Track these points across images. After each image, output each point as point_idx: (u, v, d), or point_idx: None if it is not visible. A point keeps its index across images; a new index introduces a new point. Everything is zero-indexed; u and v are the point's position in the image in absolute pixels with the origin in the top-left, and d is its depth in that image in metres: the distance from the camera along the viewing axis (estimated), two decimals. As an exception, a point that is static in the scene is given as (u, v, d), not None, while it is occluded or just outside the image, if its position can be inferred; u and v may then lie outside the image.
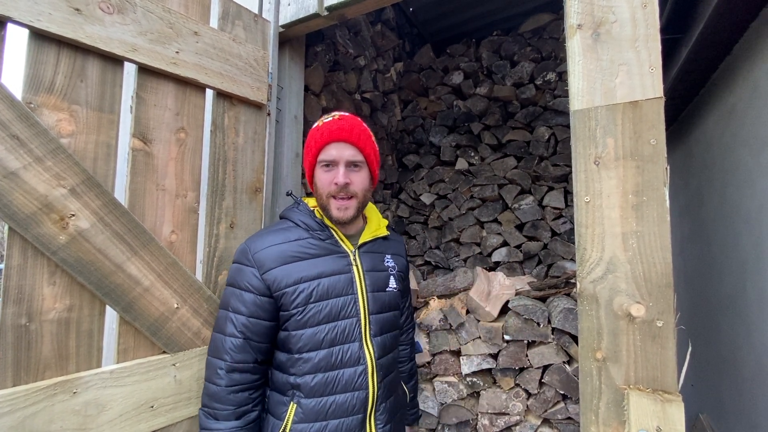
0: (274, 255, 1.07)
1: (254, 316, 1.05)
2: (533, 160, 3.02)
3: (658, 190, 0.85)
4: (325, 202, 1.11)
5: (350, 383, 1.06)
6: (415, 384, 1.44)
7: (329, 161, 1.10)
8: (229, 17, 1.34)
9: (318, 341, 1.05)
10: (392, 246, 1.29)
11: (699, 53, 1.99)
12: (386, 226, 1.29)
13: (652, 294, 0.83)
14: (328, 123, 1.11)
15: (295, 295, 1.04)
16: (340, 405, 1.04)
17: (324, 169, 1.10)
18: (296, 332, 1.05)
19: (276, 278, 1.05)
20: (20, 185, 0.86)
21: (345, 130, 1.09)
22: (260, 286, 1.05)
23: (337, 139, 1.09)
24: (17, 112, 0.86)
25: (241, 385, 1.03)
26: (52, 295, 0.92)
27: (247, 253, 1.08)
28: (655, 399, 0.79)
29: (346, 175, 1.08)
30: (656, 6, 0.89)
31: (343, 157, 1.09)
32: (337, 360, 1.06)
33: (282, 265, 1.06)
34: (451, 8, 3.28)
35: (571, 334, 1.86)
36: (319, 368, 1.04)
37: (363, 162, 1.13)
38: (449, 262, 3.20)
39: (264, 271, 1.05)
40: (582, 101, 0.94)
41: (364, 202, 1.16)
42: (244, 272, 1.07)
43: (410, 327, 1.46)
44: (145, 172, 1.11)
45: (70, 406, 0.92)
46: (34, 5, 0.90)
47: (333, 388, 1.05)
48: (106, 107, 1.03)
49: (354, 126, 1.11)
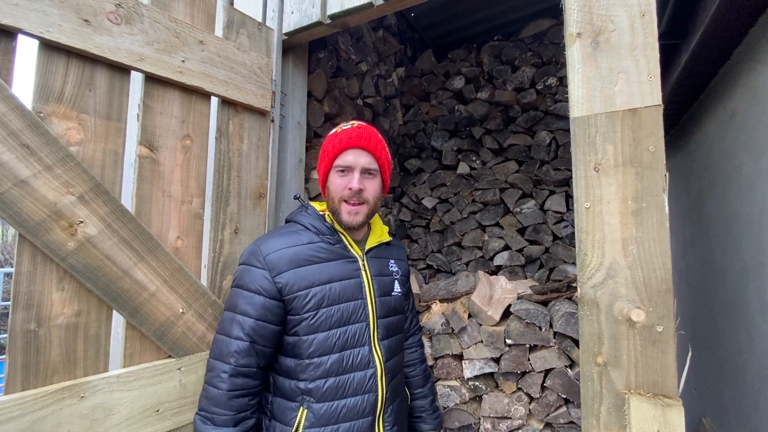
0: (287, 258, 1.07)
1: (263, 319, 1.03)
2: (534, 164, 3.03)
3: (657, 197, 0.86)
4: (337, 205, 1.12)
5: (361, 386, 1.07)
6: (432, 386, 1.44)
7: (345, 167, 1.11)
8: (234, 26, 1.36)
9: (330, 345, 1.06)
10: (395, 251, 1.31)
11: (698, 58, 2.01)
12: (388, 231, 1.31)
13: (652, 299, 0.84)
14: (346, 130, 1.13)
15: (308, 299, 1.05)
16: (351, 408, 1.06)
17: (339, 174, 1.12)
18: (308, 337, 1.05)
19: (288, 281, 1.04)
20: (30, 193, 0.88)
21: (363, 138, 1.12)
22: (271, 289, 1.04)
23: (355, 146, 1.11)
24: (28, 122, 0.87)
25: (242, 390, 1.02)
26: (60, 300, 0.94)
27: (258, 255, 1.07)
28: (655, 404, 0.79)
29: (360, 181, 1.10)
30: (654, 15, 0.91)
31: (360, 163, 1.11)
32: (348, 364, 1.07)
33: (295, 268, 1.06)
34: (452, 13, 3.30)
35: (573, 338, 1.86)
36: (331, 372, 1.05)
37: (377, 170, 1.15)
38: (451, 266, 3.21)
39: (276, 273, 1.04)
40: (582, 108, 0.95)
41: (375, 210, 1.18)
42: (254, 274, 1.05)
43: (416, 329, 1.47)
44: (151, 178, 1.12)
45: (77, 410, 0.94)
46: (44, 17, 0.92)
47: (344, 392, 1.06)
48: (114, 115, 1.05)
49: (372, 135, 1.14)
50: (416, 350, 1.43)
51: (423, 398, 1.39)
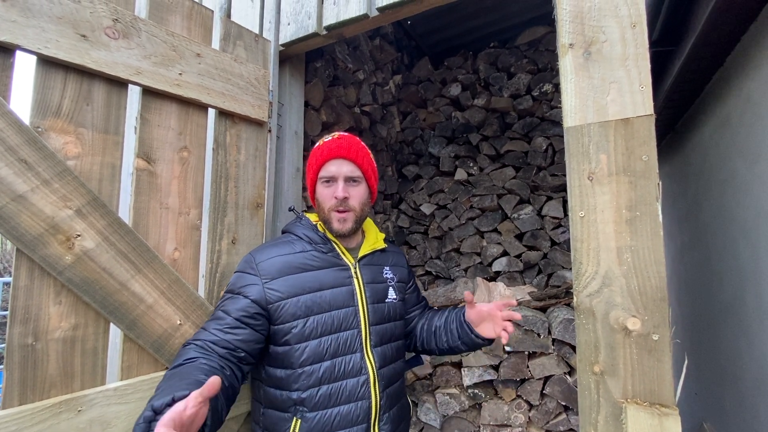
0: (279, 265, 1.10)
1: (241, 321, 1.02)
2: (531, 170, 3.05)
3: (651, 205, 0.87)
4: (327, 215, 1.15)
5: (353, 393, 1.07)
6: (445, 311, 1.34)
7: (329, 177, 1.15)
8: (231, 38, 1.38)
9: (321, 353, 1.06)
10: (391, 257, 1.32)
11: (692, 64, 2.03)
12: (384, 238, 1.32)
13: (648, 307, 0.85)
14: (327, 142, 1.17)
15: (298, 305, 1.07)
16: (344, 416, 1.06)
17: (325, 185, 1.16)
18: (299, 345, 1.06)
19: (279, 288, 1.07)
20: (28, 207, 0.88)
21: (343, 148, 1.15)
22: (259, 295, 1.05)
23: (336, 156, 1.15)
24: (25, 137, 0.88)
25: (195, 347, 0.97)
26: (57, 314, 0.94)
27: (251, 263, 1.10)
28: (652, 413, 0.80)
29: (345, 189, 1.13)
30: (645, 26, 0.92)
31: (342, 172, 1.14)
32: (340, 371, 1.07)
33: (286, 275, 1.09)
34: (448, 21, 3.33)
35: (571, 344, 1.87)
36: (324, 380, 1.06)
37: (361, 177, 1.18)
38: (450, 272, 3.21)
39: (268, 280, 1.07)
40: (575, 118, 0.96)
41: (363, 216, 1.20)
42: (245, 279, 1.08)
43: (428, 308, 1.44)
44: (148, 191, 1.13)
45: (75, 424, 0.93)
46: (42, 33, 0.93)
47: (337, 399, 1.06)
48: (111, 129, 1.06)
49: (352, 144, 1.17)
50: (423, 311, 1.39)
51: (439, 318, 1.31)
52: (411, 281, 1.39)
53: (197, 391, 0.70)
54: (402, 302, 1.28)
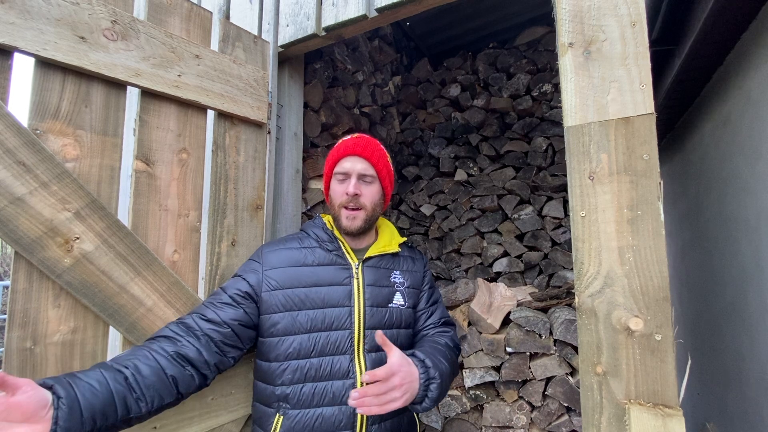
0: (282, 257, 1.15)
1: (233, 299, 1.08)
2: (531, 170, 3.04)
3: (652, 205, 0.86)
4: (337, 212, 1.17)
5: (338, 396, 1.05)
6: (437, 350, 1.13)
7: (343, 173, 1.18)
8: (230, 39, 1.37)
9: (308, 349, 1.06)
10: (404, 263, 1.27)
11: (692, 63, 2.02)
12: (401, 243, 1.27)
13: (650, 307, 0.84)
14: (345, 140, 1.21)
15: (289, 297, 1.09)
16: (326, 418, 1.03)
17: (338, 181, 1.19)
18: (286, 337, 1.07)
19: (275, 277, 1.11)
20: (26, 210, 0.88)
21: (359, 146, 1.18)
22: (257, 281, 1.11)
23: (352, 153, 1.17)
24: (24, 139, 0.88)
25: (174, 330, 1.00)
26: (56, 317, 0.93)
27: (260, 252, 1.19)
28: (656, 414, 0.79)
29: (357, 186, 1.15)
30: (645, 25, 0.91)
31: (356, 169, 1.16)
32: (326, 371, 1.06)
33: (286, 267, 1.13)
34: (447, 22, 3.33)
35: (573, 345, 1.86)
36: (308, 378, 1.05)
37: (375, 177, 1.19)
38: (450, 273, 3.20)
39: (268, 268, 1.13)
40: (575, 117, 0.96)
41: (374, 216, 1.20)
42: (250, 265, 1.16)
43: (441, 331, 1.27)
44: (148, 193, 1.12)
45: (74, 428, 0.93)
46: (40, 35, 0.92)
47: (321, 400, 1.04)
48: (110, 131, 1.06)
49: (368, 143, 1.20)
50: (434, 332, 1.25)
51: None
52: (425, 287, 1.30)
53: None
54: (412, 309, 1.23)
